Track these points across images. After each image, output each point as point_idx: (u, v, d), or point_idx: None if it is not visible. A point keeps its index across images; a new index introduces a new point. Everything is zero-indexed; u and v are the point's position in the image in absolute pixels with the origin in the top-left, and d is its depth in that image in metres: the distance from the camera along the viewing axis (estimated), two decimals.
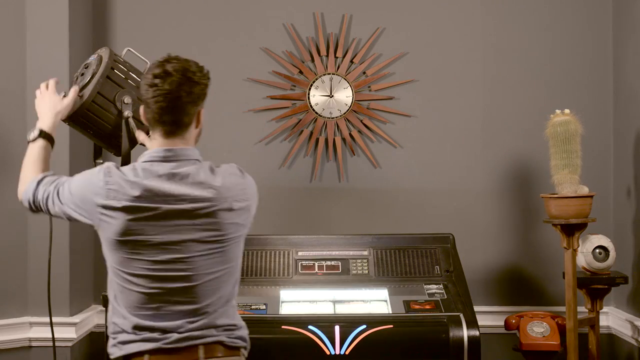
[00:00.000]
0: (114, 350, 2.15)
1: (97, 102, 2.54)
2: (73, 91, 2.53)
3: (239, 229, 2.16)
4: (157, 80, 2.09)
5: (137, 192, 2.08)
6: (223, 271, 2.15)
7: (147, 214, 2.08)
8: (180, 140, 2.16)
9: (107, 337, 2.19)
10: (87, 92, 2.54)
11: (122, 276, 2.12)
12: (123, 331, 2.13)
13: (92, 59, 2.61)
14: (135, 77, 2.60)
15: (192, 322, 2.11)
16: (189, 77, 2.10)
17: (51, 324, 2.49)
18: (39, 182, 2.27)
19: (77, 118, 2.57)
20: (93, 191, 2.11)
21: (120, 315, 2.13)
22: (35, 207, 2.28)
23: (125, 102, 2.53)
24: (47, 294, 2.56)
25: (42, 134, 2.40)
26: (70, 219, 2.20)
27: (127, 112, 2.54)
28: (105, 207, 2.09)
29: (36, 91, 2.53)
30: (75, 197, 2.16)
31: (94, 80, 2.54)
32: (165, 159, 2.14)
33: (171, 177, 2.11)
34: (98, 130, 2.60)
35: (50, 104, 2.48)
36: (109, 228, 2.09)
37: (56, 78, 2.55)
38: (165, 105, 2.10)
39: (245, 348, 2.23)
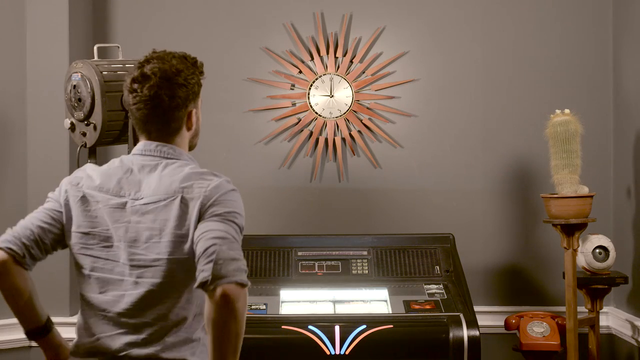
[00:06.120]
0: None
1: (111, 119, 2.47)
2: None
3: None
4: (135, 85, 1.91)
5: (99, 182, 1.93)
6: None
7: (112, 204, 1.91)
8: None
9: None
10: (99, 118, 2.46)
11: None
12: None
13: (76, 78, 2.49)
14: (123, 71, 2.50)
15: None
16: (170, 79, 1.91)
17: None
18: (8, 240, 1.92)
19: (100, 143, 2.53)
20: (64, 184, 1.98)
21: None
22: (31, 255, 1.94)
23: None
24: None
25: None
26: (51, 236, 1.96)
27: None
28: (68, 196, 1.93)
29: None
30: (48, 203, 1.98)
31: (98, 104, 2.45)
32: (149, 153, 1.97)
33: (153, 169, 1.94)
34: (115, 138, 2.55)
35: None
36: (72, 218, 1.94)
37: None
38: (147, 113, 1.91)
39: None
